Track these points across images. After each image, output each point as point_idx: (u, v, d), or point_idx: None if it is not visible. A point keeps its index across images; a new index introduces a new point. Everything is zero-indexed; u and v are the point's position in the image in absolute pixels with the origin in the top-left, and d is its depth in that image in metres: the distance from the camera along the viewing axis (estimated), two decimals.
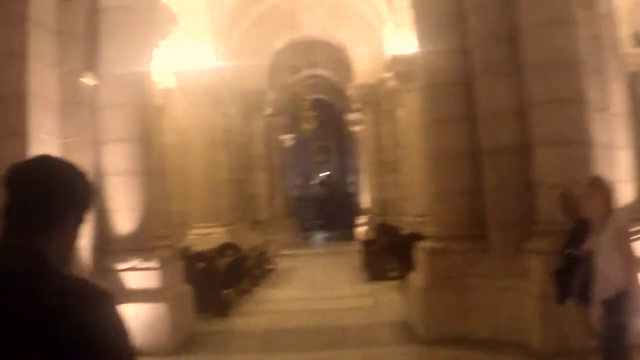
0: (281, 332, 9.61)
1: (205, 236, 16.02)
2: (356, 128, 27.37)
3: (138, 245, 8.20)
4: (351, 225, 28.09)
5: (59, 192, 1.60)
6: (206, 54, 17.27)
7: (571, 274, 5.56)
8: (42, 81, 6.93)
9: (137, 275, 8.00)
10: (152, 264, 8.08)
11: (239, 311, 11.49)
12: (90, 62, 8.15)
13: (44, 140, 6.88)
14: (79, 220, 1.67)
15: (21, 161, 1.67)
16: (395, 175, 19.80)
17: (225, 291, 11.50)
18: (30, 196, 1.56)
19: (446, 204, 8.52)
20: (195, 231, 16.54)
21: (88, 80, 8.18)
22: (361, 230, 23.61)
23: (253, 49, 21.24)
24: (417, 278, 8.93)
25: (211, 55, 17.45)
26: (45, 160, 1.66)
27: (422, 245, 8.99)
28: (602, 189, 5.15)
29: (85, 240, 7.75)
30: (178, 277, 9.09)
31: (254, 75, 22.19)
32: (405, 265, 10.82)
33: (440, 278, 8.17)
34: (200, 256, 12.21)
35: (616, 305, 4.82)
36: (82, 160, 7.74)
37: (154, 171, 9.09)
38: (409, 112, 16.97)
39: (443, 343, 7.75)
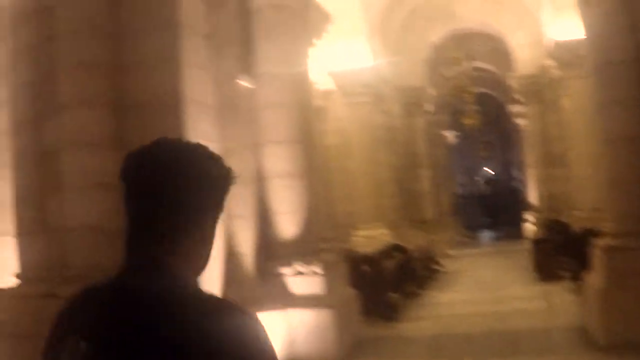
0: (450, 338, 9.09)
1: (369, 237, 15.72)
2: (519, 120, 25.85)
3: (302, 248, 7.99)
4: (518, 223, 26.56)
5: (195, 187, 1.29)
6: (362, 52, 17.00)
7: None
8: (197, 85, 6.88)
9: (301, 280, 7.78)
10: (316, 268, 7.82)
11: (407, 315, 10.98)
12: (245, 64, 8.07)
13: None
14: (216, 220, 1.35)
15: (142, 148, 1.36)
16: (564, 168, 18.30)
17: (392, 294, 11.05)
18: (159, 195, 1.27)
19: (622, 194, 7.51)
20: (360, 232, 16.32)
21: (244, 82, 8.10)
22: (529, 227, 22.21)
23: (409, 44, 20.70)
24: (593, 278, 8.05)
25: (368, 53, 17.16)
26: (172, 147, 1.37)
27: (598, 242, 8.09)
28: None
29: (248, 243, 7.65)
30: (343, 281, 8.78)
31: (412, 71, 21.61)
32: (580, 264, 10.05)
33: (620, 278, 7.32)
34: (365, 258, 11.89)
35: None
36: (242, 164, 7.66)
37: (316, 173, 8.87)
38: (575, 101, 15.58)
39: (624, 350, 6.94)
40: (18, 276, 6.77)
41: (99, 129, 6.57)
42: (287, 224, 8.19)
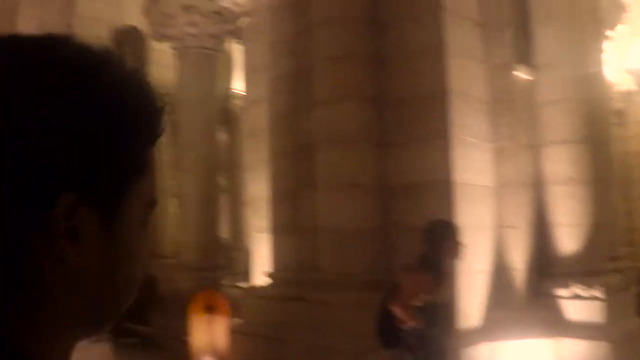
0: None
1: None
2: None
3: (582, 268, 6.71)
4: None
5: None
6: None
7: None
8: (465, 78, 6.13)
9: (579, 305, 6.51)
10: (598, 292, 6.48)
11: None
12: (521, 53, 7.06)
13: (469, 143, 6.06)
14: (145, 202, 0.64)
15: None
16: None
17: None
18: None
19: None
20: None
21: (520, 74, 7.09)
22: None
23: None
24: None
25: None
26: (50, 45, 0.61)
27: None
28: None
29: (520, 258, 6.65)
30: (630, 311, 7.22)
31: None
32: None
33: None
34: None
35: None
36: (516, 166, 6.69)
37: (608, 181, 7.46)
38: None
39: None
40: (270, 275, 6.72)
41: (355, 125, 6.19)
42: (567, 238, 6.95)
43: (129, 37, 15.32)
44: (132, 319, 9.12)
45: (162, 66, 12.87)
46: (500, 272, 6.18)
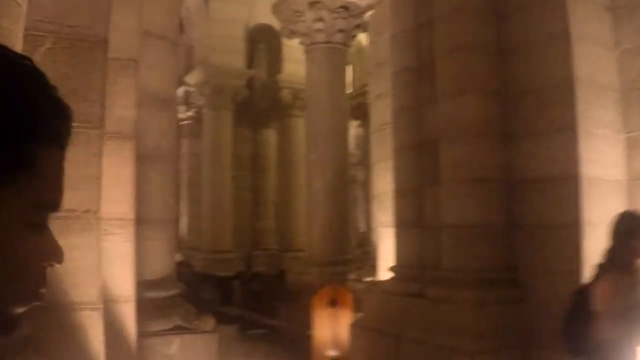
0: None
1: None
2: None
3: None
4: None
5: None
6: None
7: None
8: (593, 65, 5.66)
9: None
10: None
11: None
12: None
13: (598, 134, 5.59)
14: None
15: None
16: None
17: None
18: None
19: None
20: None
21: None
22: None
23: None
24: None
25: None
26: None
27: None
28: None
29: None
30: None
31: None
32: None
33: None
34: None
35: None
36: None
37: None
38: None
39: None
40: (392, 270, 6.62)
41: (479, 118, 5.92)
42: None
43: (264, 36, 15.78)
44: (259, 311, 9.42)
45: (298, 62, 13.11)
46: None
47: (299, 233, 13.25)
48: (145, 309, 4.20)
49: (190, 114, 16.49)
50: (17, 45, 2.81)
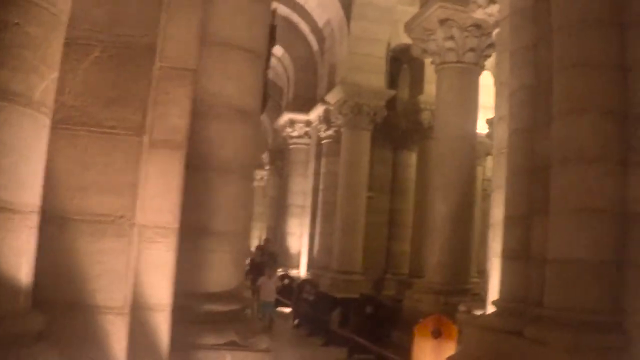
0: None
1: None
2: None
3: None
4: None
5: None
6: None
7: None
8: None
9: None
10: None
11: None
12: None
13: None
14: None
15: None
16: None
17: None
18: None
19: None
20: None
21: None
22: None
23: None
24: None
25: None
26: None
27: None
28: None
29: None
30: None
31: None
32: None
33: None
34: None
35: None
36: None
37: None
38: None
39: None
40: (494, 303, 6.11)
41: (594, 141, 5.32)
42: None
43: (407, 56, 15.57)
44: (369, 336, 9.15)
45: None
46: None
47: (416, 259, 12.84)
48: (200, 321, 4.17)
49: (330, 132, 16.62)
50: (54, 54, 2.88)
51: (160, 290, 3.51)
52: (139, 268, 3.49)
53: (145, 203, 3.48)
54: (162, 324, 3.48)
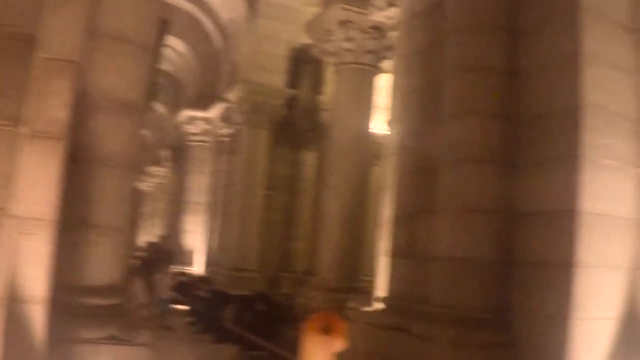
0: None
1: None
2: None
3: None
4: None
5: None
6: None
7: None
8: (607, 91, 5.19)
9: None
10: None
11: None
12: None
13: (607, 166, 5.11)
14: None
15: None
16: None
17: None
18: None
19: None
20: None
21: None
22: None
23: None
24: None
25: None
26: None
27: None
28: None
29: None
30: None
31: None
32: None
33: None
34: None
35: None
36: None
37: None
38: None
39: None
40: (382, 301, 6.35)
41: (480, 143, 5.53)
42: None
43: (307, 55, 15.73)
44: (261, 334, 9.23)
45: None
46: (631, 321, 5.20)
47: (305, 255, 13.06)
48: (81, 314, 4.12)
49: (230, 131, 16.59)
50: None
51: (37, 283, 3.46)
52: (17, 260, 3.42)
53: (24, 194, 3.42)
54: (38, 317, 3.43)
